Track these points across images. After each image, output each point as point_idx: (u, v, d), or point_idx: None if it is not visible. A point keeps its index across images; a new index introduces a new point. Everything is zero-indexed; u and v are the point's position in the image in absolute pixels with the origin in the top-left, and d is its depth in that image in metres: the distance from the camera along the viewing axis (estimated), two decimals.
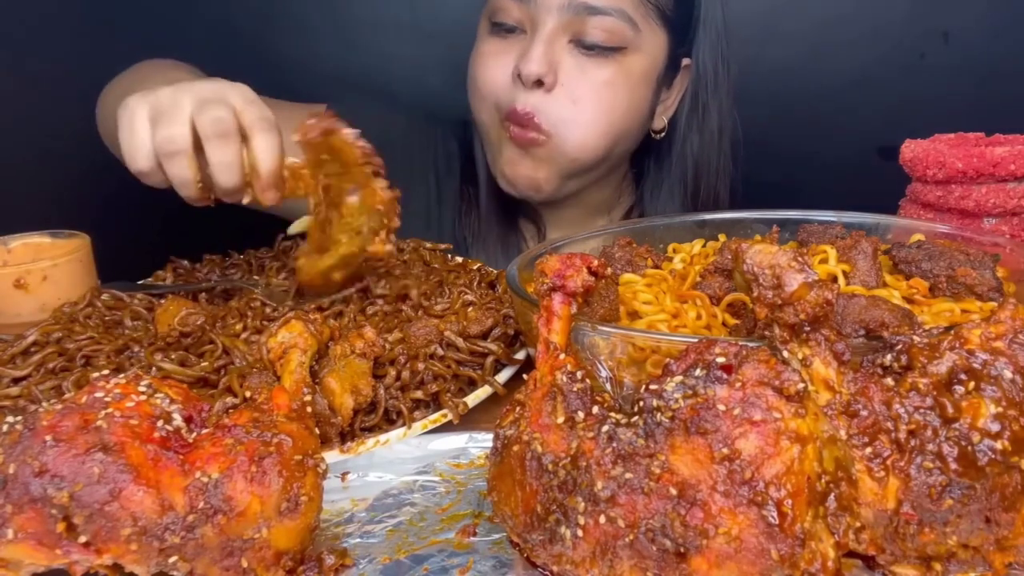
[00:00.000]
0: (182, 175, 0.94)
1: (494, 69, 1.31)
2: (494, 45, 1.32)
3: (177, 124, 0.91)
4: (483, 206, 1.47)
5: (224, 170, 0.93)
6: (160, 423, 0.62)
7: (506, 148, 1.32)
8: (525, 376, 0.67)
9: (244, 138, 0.94)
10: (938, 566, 0.57)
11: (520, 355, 0.96)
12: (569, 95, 1.26)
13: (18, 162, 1.84)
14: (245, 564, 0.59)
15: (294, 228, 1.08)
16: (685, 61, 1.38)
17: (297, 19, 2.01)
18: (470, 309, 0.99)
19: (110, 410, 0.61)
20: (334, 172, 0.97)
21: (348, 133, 0.94)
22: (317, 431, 0.70)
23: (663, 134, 1.43)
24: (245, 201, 0.99)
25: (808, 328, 0.59)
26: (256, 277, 1.17)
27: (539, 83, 1.25)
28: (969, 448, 0.55)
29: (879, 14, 1.90)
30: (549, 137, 1.28)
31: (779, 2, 1.96)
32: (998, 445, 0.55)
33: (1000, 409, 0.56)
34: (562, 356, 0.65)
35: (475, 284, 1.13)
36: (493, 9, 1.31)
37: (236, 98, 0.94)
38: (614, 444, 0.57)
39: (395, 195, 0.99)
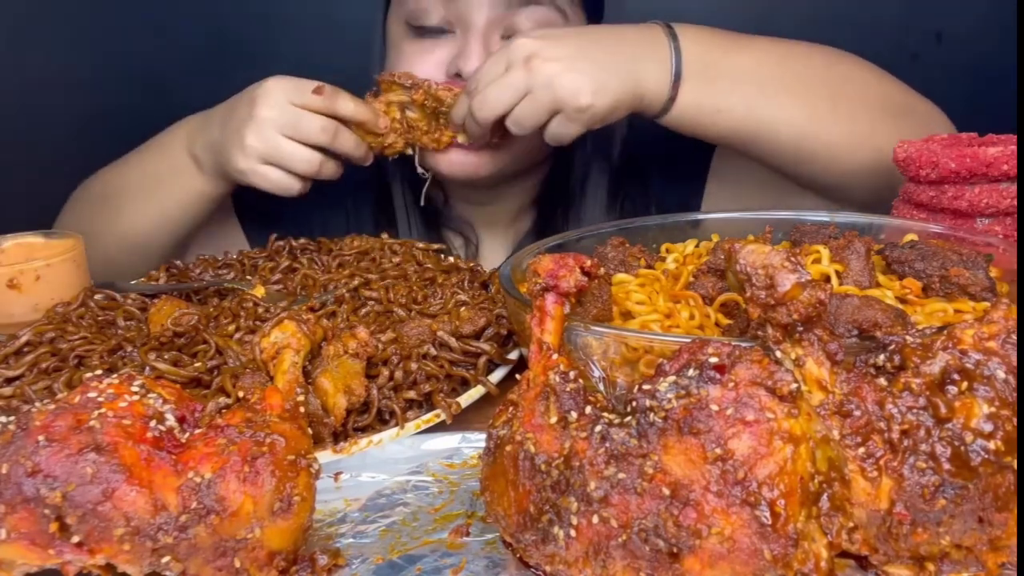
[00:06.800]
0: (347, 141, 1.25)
1: (421, 67, 1.30)
2: (418, 45, 1.31)
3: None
4: (400, 224, 1.48)
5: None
6: (153, 423, 0.62)
7: None
8: (518, 376, 0.67)
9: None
10: (931, 566, 0.57)
11: (513, 355, 0.96)
12: None
13: (11, 162, 1.83)
14: (238, 564, 0.59)
15: None
16: None
17: (290, 19, 2.01)
18: (463, 309, 0.99)
19: (103, 410, 0.61)
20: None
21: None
22: (310, 431, 0.70)
23: None
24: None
25: (801, 328, 0.59)
26: (249, 278, 1.17)
27: None
28: (962, 448, 0.55)
29: (872, 14, 1.91)
30: None
31: (773, 1, 1.96)
32: (991, 445, 0.55)
33: (993, 409, 0.56)
34: (555, 356, 0.65)
35: (468, 284, 1.13)
36: (413, 13, 1.30)
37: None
38: (607, 444, 0.57)
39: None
